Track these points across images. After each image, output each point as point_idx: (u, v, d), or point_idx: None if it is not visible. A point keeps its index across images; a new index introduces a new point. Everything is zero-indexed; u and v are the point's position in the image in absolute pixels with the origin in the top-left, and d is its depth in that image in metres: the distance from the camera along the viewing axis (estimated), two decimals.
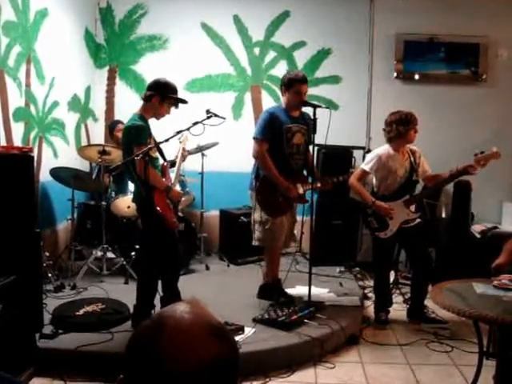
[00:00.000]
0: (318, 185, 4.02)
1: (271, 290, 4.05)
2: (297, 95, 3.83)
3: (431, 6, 5.62)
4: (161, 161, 3.59)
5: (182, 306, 0.86)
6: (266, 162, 3.82)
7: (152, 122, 3.51)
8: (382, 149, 4.01)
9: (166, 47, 5.86)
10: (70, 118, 5.23)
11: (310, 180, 4.04)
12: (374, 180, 4.06)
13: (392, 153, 3.95)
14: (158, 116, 3.49)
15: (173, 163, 3.88)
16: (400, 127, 3.85)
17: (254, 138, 3.88)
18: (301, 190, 3.95)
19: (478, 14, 5.57)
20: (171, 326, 0.83)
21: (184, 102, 3.53)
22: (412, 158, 3.96)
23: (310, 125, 3.89)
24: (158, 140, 3.43)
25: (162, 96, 3.41)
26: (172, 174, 3.72)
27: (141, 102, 3.51)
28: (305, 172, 4.13)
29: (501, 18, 5.64)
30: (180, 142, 3.76)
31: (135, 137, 3.32)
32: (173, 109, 3.54)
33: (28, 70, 4.31)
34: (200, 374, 0.79)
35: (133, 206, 3.77)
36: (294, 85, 3.83)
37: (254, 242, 4.04)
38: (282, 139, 3.85)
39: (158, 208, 3.32)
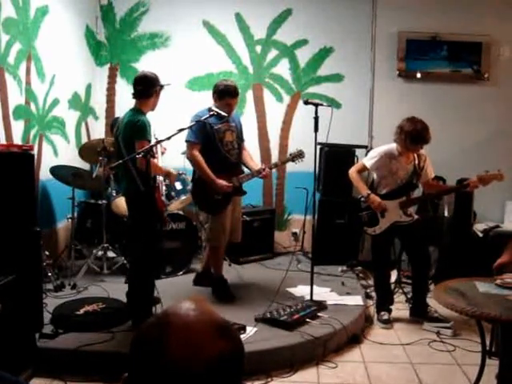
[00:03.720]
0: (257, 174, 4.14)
1: (206, 277, 4.33)
2: (226, 107, 4.00)
3: (434, 4, 5.60)
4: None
5: (187, 304, 0.85)
6: (198, 162, 3.96)
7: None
8: (388, 148, 3.97)
9: (167, 45, 5.83)
10: (70, 116, 5.21)
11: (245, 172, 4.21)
12: (375, 176, 4.07)
13: (396, 154, 3.91)
14: (155, 108, 3.64)
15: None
16: (409, 142, 3.79)
17: (187, 141, 4.02)
18: (236, 183, 4.07)
19: (480, 12, 5.55)
20: (176, 323, 0.81)
21: (167, 84, 3.70)
22: (417, 161, 3.93)
23: (239, 124, 4.20)
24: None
25: (159, 88, 3.58)
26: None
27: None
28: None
29: (503, 17, 5.61)
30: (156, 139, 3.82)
31: (142, 132, 3.38)
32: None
33: (28, 68, 4.29)
34: (206, 371, 0.78)
35: None
36: (225, 97, 3.99)
37: (207, 243, 4.23)
38: (215, 140, 4.02)
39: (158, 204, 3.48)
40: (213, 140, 4.02)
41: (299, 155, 4.17)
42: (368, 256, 5.20)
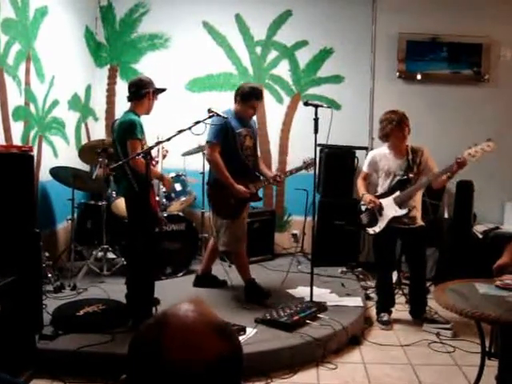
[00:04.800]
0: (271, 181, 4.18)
1: (206, 280, 4.39)
2: (251, 110, 4.00)
3: (434, 5, 5.59)
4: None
5: (186, 305, 0.85)
6: (218, 164, 3.91)
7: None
8: (378, 149, 4.08)
9: (167, 46, 5.82)
10: (70, 117, 5.21)
11: (261, 178, 4.20)
12: (376, 177, 4.11)
13: (387, 152, 3.97)
14: (150, 111, 3.68)
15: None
16: (390, 127, 3.83)
17: (207, 142, 3.97)
18: (253, 189, 4.06)
19: (480, 14, 5.55)
20: (175, 324, 0.81)
21: (163, 90, 3.77)
22: (410, 156, 3.93)
23: (255, 129, 4.20)
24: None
25: (153, 91, 3.64)
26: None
27: None
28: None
29: (503, 18, 5.61)
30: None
31: (132, 131, 3.44)
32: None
33: (28, 69, 4.29)
34: (205, 372, 0.78)
35: None
36: (251, 100, 3.96)
37: (221, 248, 4.14)
38: (236, 143, 3.97)
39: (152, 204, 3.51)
40: (233, 144, 3.95)
41: (312, 163, 4.09)
42: (368, 257, 5.21)
